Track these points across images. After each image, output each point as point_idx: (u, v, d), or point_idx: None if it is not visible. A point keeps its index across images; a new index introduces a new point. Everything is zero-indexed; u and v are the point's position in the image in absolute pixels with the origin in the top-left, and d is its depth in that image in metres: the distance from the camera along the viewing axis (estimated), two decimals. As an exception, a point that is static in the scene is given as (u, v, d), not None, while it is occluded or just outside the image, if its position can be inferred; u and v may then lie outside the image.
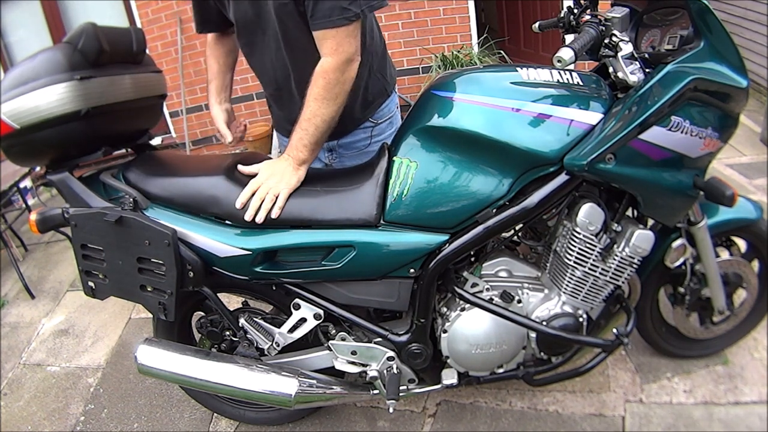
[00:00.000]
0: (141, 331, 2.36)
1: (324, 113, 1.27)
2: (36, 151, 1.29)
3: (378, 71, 1.53)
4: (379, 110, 1.57)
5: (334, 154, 1.61)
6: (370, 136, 1.57)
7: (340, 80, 1.26)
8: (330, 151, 1.60)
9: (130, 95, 1.37)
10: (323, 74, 1.25)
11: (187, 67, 4.28)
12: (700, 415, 1.56)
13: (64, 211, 1.29)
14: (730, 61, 1.17)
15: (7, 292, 2.93)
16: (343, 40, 1.25)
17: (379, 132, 1.58)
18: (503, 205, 1.23)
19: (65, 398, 2.06)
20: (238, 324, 1.45)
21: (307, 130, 1.28)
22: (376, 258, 1.26)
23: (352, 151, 1.59)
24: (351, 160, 1.59)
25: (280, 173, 1.27)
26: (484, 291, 1.36)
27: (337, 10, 1.22)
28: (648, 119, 1.12)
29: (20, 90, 1.19)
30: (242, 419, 1.76)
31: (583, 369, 1.47)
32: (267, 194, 1.24)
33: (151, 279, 1.29)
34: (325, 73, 1.25)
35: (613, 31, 1.17)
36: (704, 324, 1.63)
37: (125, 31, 1.39)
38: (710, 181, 1.20)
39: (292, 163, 1.29)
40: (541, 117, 1.17)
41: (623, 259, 1.29)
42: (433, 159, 1.23)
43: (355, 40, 1.27)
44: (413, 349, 1.38)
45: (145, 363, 1.41)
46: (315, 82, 1.26)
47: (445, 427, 1.67)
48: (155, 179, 1.33)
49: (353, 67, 1.28)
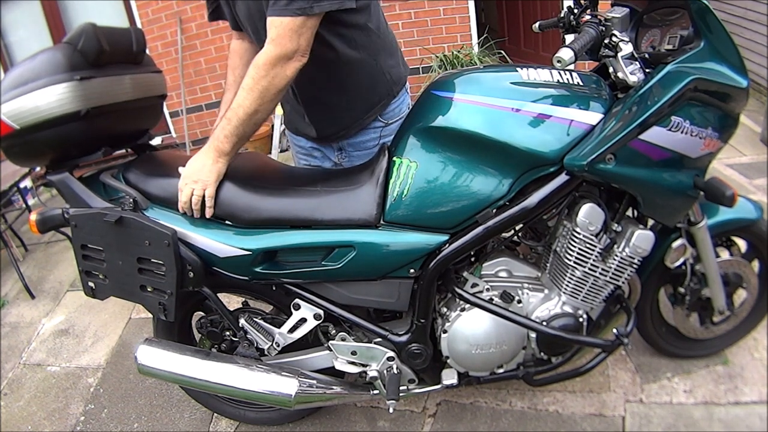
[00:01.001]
0: (141, 331, 2.36)
1: (247, 105, 1.20)
2: (36, 152, 1.29)
3: (383, 72, 1.48)
4: (389, 110, 1.53)
5: (344, 154, 1.58)
6: (380, 136, 1.53)
7: (270, 74, 1.18)
8: (340, 150, 1.58)
9: (130, 95, 1.37)
10: (255, 64, 1.20)
11: (187, 67, 4.28)
12: (700, 415, 1.56)
13: (64, 211, 1.29)
14: (730, 61, 1.17)
15: (8, 292, 2.93)
16: (285, 33, 1.17)
17: (390, 132, 1.52)
18: (503, 205, 1.23)
19: (65, 398, 2.06)
20: (238, 324, 1.45)
21: (230, 120, 1.22)
22: (376, 258, 1.26)
23: (362, 150, 1.55)
24: (361, 159, 1.54)
25: (198, 170, 1.23)
26: (484, 291, 1.36)
27: (285, 2, 1.16)
28: (648, 119, 1.12)
29: (20, 90, 1.19)
30: (242, 419, 1.76)
31: (583, 369, 1.46)
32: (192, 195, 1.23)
33: (151, 279, 1.29)
34: (255, 63, 1.19)
35: (613, 31, 1.17)
36: (704, 324, 1.63)
37: (125, 31, 1.39)
38: (710, 181, 1.20)
39: (212, 155, 1.24)
40: (541, 117, 1.17)
41: (623, 259, 1.29)
42: (433, 159, 1.23)
43: (298, 38, 1.18)
44: (413, 350, 1.38)
45: (145, 363, 1.41)
46: (248, 71, 1.21)
47: (446, 427, 1.67)
48: (155, 179, 1.33)
49: (290, 66, 1.20)
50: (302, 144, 1.64)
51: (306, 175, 1.45)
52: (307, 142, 1.61)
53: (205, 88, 4.36)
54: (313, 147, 1.62)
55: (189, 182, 1.24)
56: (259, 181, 1.32)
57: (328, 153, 1.60)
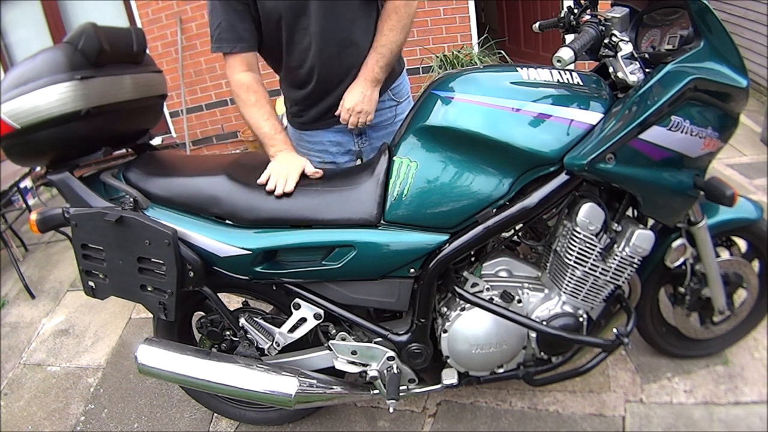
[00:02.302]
0: (141, 331, 2.36)
1: (398, 40, 1.48)
2: (36, 151, 1.29)
3: None
4: (397, 86, 1.67)
5: (364, 138, 1.64)
6: (395, 114, 1.68)
7: (408, 12, 1.47)
8: (360, 135, 1.64)
9: (131, 95, 1.37)
10: (395, 9, 1.45)
11: (187, 67, 4.28)
12: (700, 415, 1.56)
13: (64, 210, 1.29)
14: (730, 61, 1.17)
15: (8, 292, 2.93)
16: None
17: (402, 111, 1.68)
18: (503, 204, 1.23)
19: (65, 398, 2.07)
20: (238, 324, 1.45)
21: (383, 54, 1.47)
22: (377, 258, 1.26)
23: (381, 131, 1.65)
24: (380, 141, 1.58)
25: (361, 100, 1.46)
26: (484, 291, 1.36)
27: None
28: (648, 119, 1.12)
29: (21, 90, 1.19)
30: (242, 419, 1.76)
31: (584, 369, 1.46)
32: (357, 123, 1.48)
33: (152, 279, 1.29)
34: (396, 8, 1.45)
35: (613, 31, 1.17)
36: (704, 324, 1.63)
37: (125, 31, 1.39)
38: (710, 180, 1.20)
39: (370, 85, 1.48)
40: (541, 117, 1.17)
41: (623, 259, 1.29)
42: (434, 159, 1.23)
43: None
44: (413, 349, 1.38)
45: (145, 363, 1.41)
46: (388, 16, 1.46)
47: (446, 427, 1.67)
48: (155, 179, 1.34)
49: (416, 2, 1.49)
50: (318, 139, 1.64)
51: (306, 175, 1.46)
52: (326, 134, 1.62)
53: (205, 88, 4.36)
54: (330, 141, 1.63)
55: (354, 112, 1.47)
56: (260, 181, 1.32)
57: (347, 143, 1.63)
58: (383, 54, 1.47)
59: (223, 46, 1.43)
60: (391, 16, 1.46)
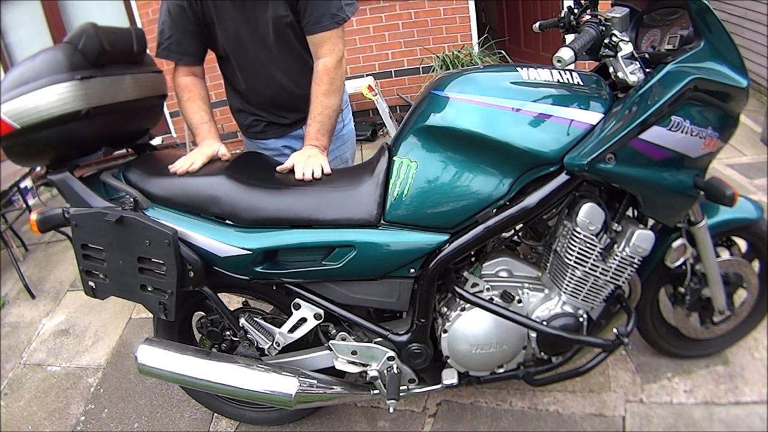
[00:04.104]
0: (141, 331, 2.36)
1: (333, 104, 1.49)
2: (37, 151, 1.29)
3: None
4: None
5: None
6: (341, 120, 1.73)
7: (339, 75, 1.50)
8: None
9: (131, 95, 1.37)
10: (326, 72, 1.47)
11: (188, 67, 4.28)
12: (700, 415, 1.56)
13: (64, 210, 1.29)
14: (730, 61, 1.17)
15: (8, 292, 2.93)
16: (337, 40, 1.48)
17: (346, 118, 1.77)
18: (503, 205, 1.23)
19: (66, 398, 2.06)
20: (238, 324, 1.45)
21: (323, 122, 1.48)
22: (377, 258, 1.26)
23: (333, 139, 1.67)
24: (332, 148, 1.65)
25: (315, 156, 1.42)
26: (484, 291, 1.36)
27: (328, 16, 1.44)
28: (648, 119, 1.12)
29: (21, 90, 1.19)
30: (243, 419, 1.76)
31: (584, 369, 1.47)
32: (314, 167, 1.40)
33: (152, 279, 1.29)
34: (327, 71, 1.47)
35: (613, 31, 1.17)
36: (704, 324, 1.63)
37: (126, 31, 1.39)
38: (710, 180, 1.20)
39: (318, 151, 1.45)
40: (542, 117, 1.17)
41: (623, 259, 1.29)
42: (433, 159, 1.23)
43: (343, 40, 1.51)
44: (413, 349, 1.38)
45: (145, 363, 1.41)
46: (320, 80, 1.47)
47: (446, 427, 1.67)
48: (156, 179, 1.34)
49: (344, 62, 1.52)
50: (273, 146, 1.74)
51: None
52: (279, 141, 1.73)
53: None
54: (285, 146, 1.72)
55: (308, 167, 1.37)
56: (260, 181, 1.32)
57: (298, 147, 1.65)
58: (323, 122, 1.48)
59: (171, 56, 1.53)
60: (323, 78, 1.47)
